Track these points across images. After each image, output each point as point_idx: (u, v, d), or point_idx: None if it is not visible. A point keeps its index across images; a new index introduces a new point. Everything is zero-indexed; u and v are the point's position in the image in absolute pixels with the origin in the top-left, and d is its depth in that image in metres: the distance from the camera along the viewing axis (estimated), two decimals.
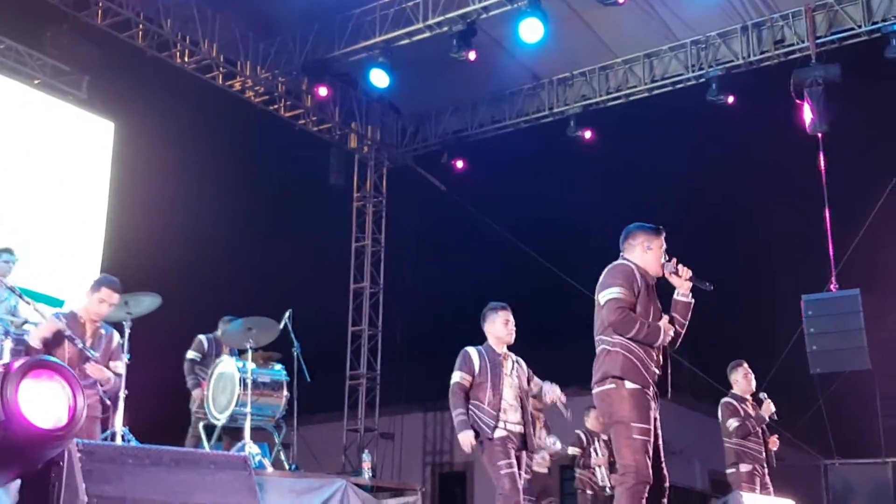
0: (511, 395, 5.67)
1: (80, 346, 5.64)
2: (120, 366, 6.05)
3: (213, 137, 12.95)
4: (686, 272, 4.49)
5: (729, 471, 7.35)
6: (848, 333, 9.85)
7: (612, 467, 8.99)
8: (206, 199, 13.08)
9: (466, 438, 5.46)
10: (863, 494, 10.01)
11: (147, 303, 6.62)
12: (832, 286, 10.49)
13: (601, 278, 4.56)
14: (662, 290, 4.59)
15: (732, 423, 7.29)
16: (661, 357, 4.44)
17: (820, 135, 10.76)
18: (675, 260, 4.54)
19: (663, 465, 4.39)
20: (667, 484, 4.39)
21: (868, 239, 10.99)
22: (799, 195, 11.95)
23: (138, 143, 11.51)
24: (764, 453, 7.35)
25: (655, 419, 4.42)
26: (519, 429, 5.60)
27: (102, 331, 6.05)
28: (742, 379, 7.45)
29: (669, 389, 4.49)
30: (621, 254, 4.62)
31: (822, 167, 10.69)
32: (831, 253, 10.54)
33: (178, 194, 12.32)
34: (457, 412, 5.57)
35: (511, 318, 5.89)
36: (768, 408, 7.42)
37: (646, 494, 4.20)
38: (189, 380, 8.59)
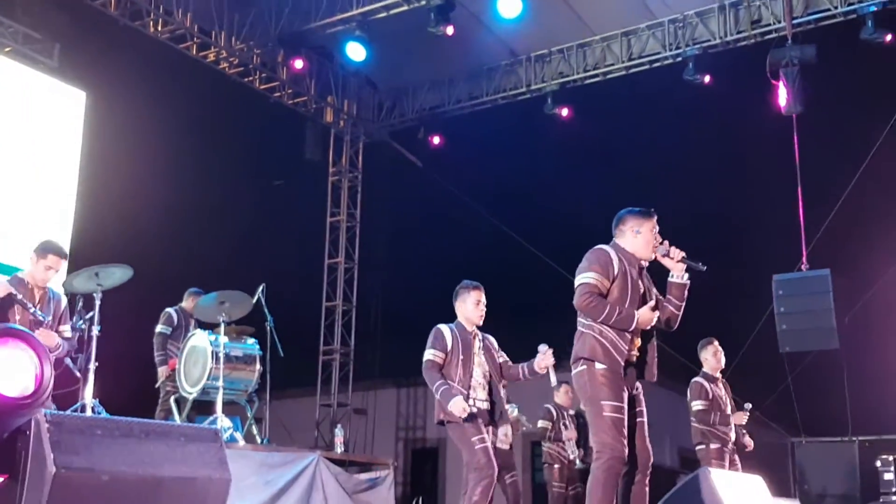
0: (479, 374, 5.73)
1: (32, 310, 5.58)
2: (68, 330, 5.97)
3: (186, 109, 12.80)
4: (678, 254, 4.51)
5: (698, 448, 7.43)
6: (817, 313, 9.96)
7: (582, 442, 9.10)
8: (179, 171, 12.96)
9: (458, 404, 5.45)
10: (829, 472, 10.18)
11: (118, 274, 6.56)
12: (803, 266, 10.60)
13: (582, 261, 4.57)
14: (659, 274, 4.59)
15: (696, 406, 7.36)
16: (640, 340, 4.45)
17: (794, 115, 10.82)
18: (666, 242, 4.56)
19: (647, 443, 4.42)
20: (651, 461, 4.43)
21: (840, 220, 11.10)
22: (772, 175, 12.04)
23: (110, 114, 11.36)
24: (731, 433, 7.42)
25: (637, 399, 4.44)
26: (486, 406, 5.65)
27: (50, 295, 5.96)
28: (711, 357, 7.51)
29: (655, 373, 4.51)
30: (613, 239, 4.62)
31: (796, 148, 10.76)
32: (803, 233, 10.64)
33: (150, 166, 12.19)
34: (437, 384, 5.59)
35: (483, 298, 5.92)
36: (740, 418, 7.49)
37: (621, 471, 4.24)
38: (157, 356, 8.54)
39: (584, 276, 4.42)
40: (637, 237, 4.52)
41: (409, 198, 15.30)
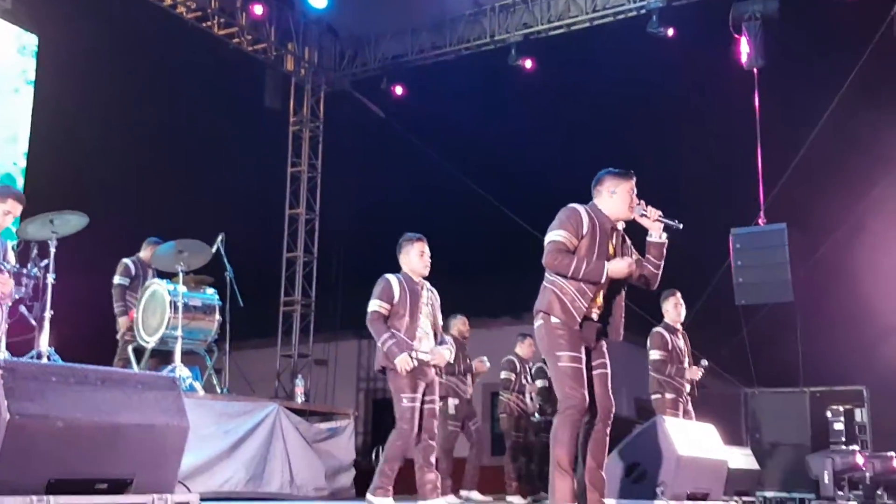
0: (427, 324, 5.75)
1: None
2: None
3: (142, 54, 12.50)
4: (654, 213, 4.53)
5: (654, 397, 7.55)
6: (773, 267, 10.12)
7: (545, 392, 9.24)
8: (136, 118, 12.70)
9: (404, 361, 5.49)
10: (781, 421, 10.40)
11: (73, 222, 6.45)
12: (760, 220, 10.73)
13: (554, 219, 4.58)
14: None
15: (654, 355, 7.46)
16: (602, 299, 4.47)
17: (756, 70, 10.87)
18: (643, 202, 4.57)
19: (609, 393, 4.48)
20: (612, 411, 4.49)
21: (797, 174, 11.23)
22: (732, 130, 12.11)
23: (64, 58, 11.07)
24: (686, 384, 7.55)
25: (599, 352, 4.49)
26: (429, 357, 5.67)
27: (3, 238, 5.84)
28: (672, 308, 7.60)
29: (622, 333, 4.55)
30: (592, 199, 4.62)
31: (757, 102, 10.83)
32: (761, 187, 10.77)
33: (105, 112, 11.93)
34: (383, 339, 5.60)
35: (427, 249, 5.92)
36: (695, 373, 7.60)
37: (581, 420, 4.29)
38: (117, 306, 8.44)
39: (553, 235, 4.44)
40: (613, 197, 4.54)
41: (371, 148, 15.19)
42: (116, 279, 8.45)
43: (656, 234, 4.52)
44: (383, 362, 5.65)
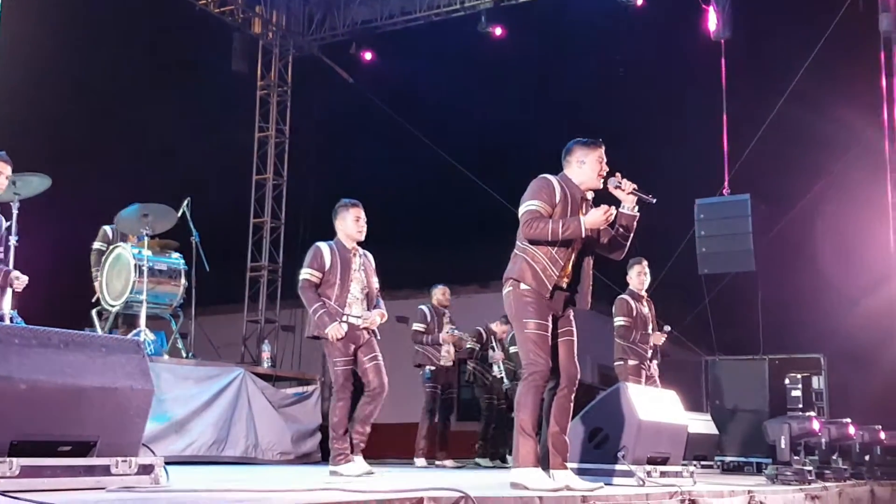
0: (357, 289, 5.81)
1: None
2: None
3: (108, 14, 12.28)
4: (629, 185, 4.54)
5: (616, 364, 7.65)
6: (736, 237, 10.26)
7: (517, 358, 9.37)
8: (101, 79, 12.51)
9: (335, 330, 5.60)
10: (740, 388, 10.60)
11: (36, 183, 6.39)
12: (725, 191, 10.85)
13: (527, 190, 4.59)
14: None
15: (619, 321, 7.56)
16: (571, 267, 4.51)
17: (723, 41, 10.93)
18: (619, 175, 4.58)
19: (575, 360, 4.53)
20: (577, 377, 4.55)
21: (762, 146, 11.35)
22: (699, 100, 12.20)
23: (26, 20, 10.84)
24: (649, 351, 7.65)
25: (566, 320, 4.54)
26: (360, 322, 5.75)
27: None
28: (636, 277, 7.68)
29: (589, 301, 4.59)
30: (563, 169, 4.64)
31: (723, 73, 10.90)
32: (726, 159, 10.87)
33: (70, 73, 11.74)
34: (314, 308, 5.67)
35: (362, 214, 5.95)
36: (658, 339, 7.70)
37: (544, 385, 4.35)
38: (94, 271, 8.38)
39: (528, 205, 4.45)
40: (582, 167, 4.56)
41: (339, 114, 15.09)
42: (95, 244, 8.39)
43: (629, 206, 4.56)
44: (315, 331, 5.73)
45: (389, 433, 14.94)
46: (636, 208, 4.60)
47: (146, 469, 3.49)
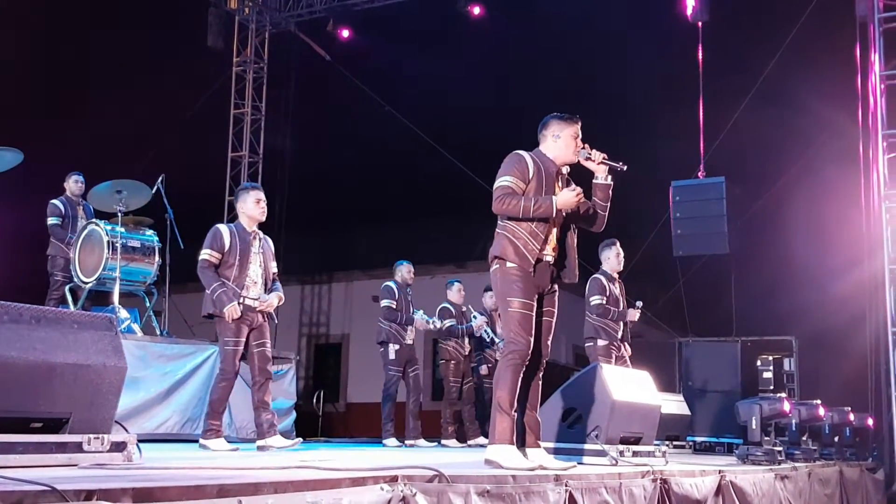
0: (256, 272, 5.98)
1: None
2: None
3: None
4: (599, 156, 4.54)
5: (587, 344, 7.68)
6: (711, 219, 10.32)
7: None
8: (74, 54, 12.32)
9: (232, 310, 5.76)
10: (713, 369, 10.70)
11: (8, 158, 6.31)
12: (700, 174, 10.91)
13: (500, 167, 4.58)
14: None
15: (595, 300, 7.57)
16: (556, 242, 4.51)
17: (700, 24, 10.95)
18: (587, 146, 4.59)
19: (544, 341, 4.54)
20: (545, 359, 4.56)
21: (737, 130, 11.41)
22: (676, 83, 12.22)
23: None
24: (621, 331, 7.68)
25: (550, 300, 4.55)
26: (256, 304, 5.91)
27: None
28: (614, 258, 7.69)
29: (576, 275, 4.60)
30: (538, 145, 4.64)
31: (700, 56, 10.93)
32: (702, 141, 10.92)
33: (41, 47, 11.55)
34: (213, 287, 5.81)
35: (262, 197, 6.11)
36: (633, 315, 7.73)
37: (523, 364, 4.36)
38: (51, 248, 8.34)
39: (501, 181, 4.45)
40: (557, 142, 4.56)
41: (315, 92, 14.99)
42: (49, 220, 8.34)
43: (601, 176, 4.57)
44: (211, 309, 5.85)
45: (363, 413, 14.98)
46: (609, 177, 4.61)
47: (119, 446, 3.48)
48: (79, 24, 12.37)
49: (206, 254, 5.88)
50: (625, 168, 4.54)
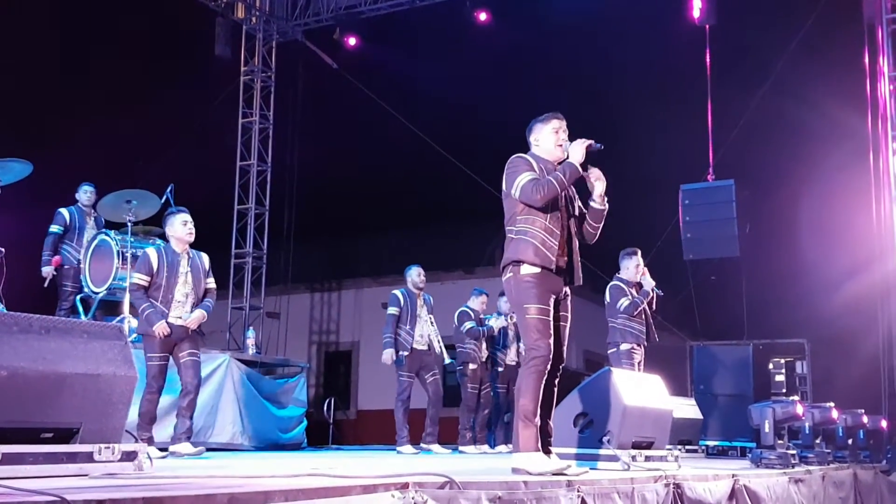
0: (182, 292, 6.32)
1: None
2: None
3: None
4: (581, 143, 4.50)
5: (610, 350, 7.67)
6: (721, 222, 10.29)
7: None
8: (84, 65, 12.38)
9: (161, 328, 6.13)
10: (725, 373, 10.66)
11: (17, 169, 6.33)
12: (709, 177, 10.88)
13: (504, 176, 4.56)
14: None
15: (624, 302, 7.56)
16: (565, 244, 4.51)
17: (707, 27, 10.93)
18: (566, 142, 4.58)
19: (563, 347, 4.54)
20: (562, 364, 4.55)
21: (746, 132, 11.38)
22: (684, 86, 12.20)
23: (7, 3, 10.72)
24: (645, 332, 7.67)
25: (563, 305, 4.53)
26: (180, 322, 6.26)
27: None
28: (633, 268, 7.70)
29: (580, 277, 4.60)
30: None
31: (708, 59, 10.91)
32: (710, 144, 10.89)
33: (51, 58, 11.61)
34: (142, 308, 6.21)
35: (189, 219, 6.44)
36: (649, 280, 7.70)
37: (545, 369, 4.34)
38: (44, 255, 8.36)
39: (522, 178, 4.43)
40: (539, 143, 4.61)
41: (323, 100, 15.02)
42: (50, 227, 8.38)
43: (598, 200, 4.58)
44: (141, 329, 6.28)
45: (374, 420, 14.96)
46: (605, 201, 4.60)
47: (130, 456, 3.47)
48: (88, 34, 12.43)
49: (135, 277, 6.32)
50: (601, 147, 4.53)
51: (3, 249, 5.31)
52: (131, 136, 13.30)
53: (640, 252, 7.76)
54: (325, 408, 12.87)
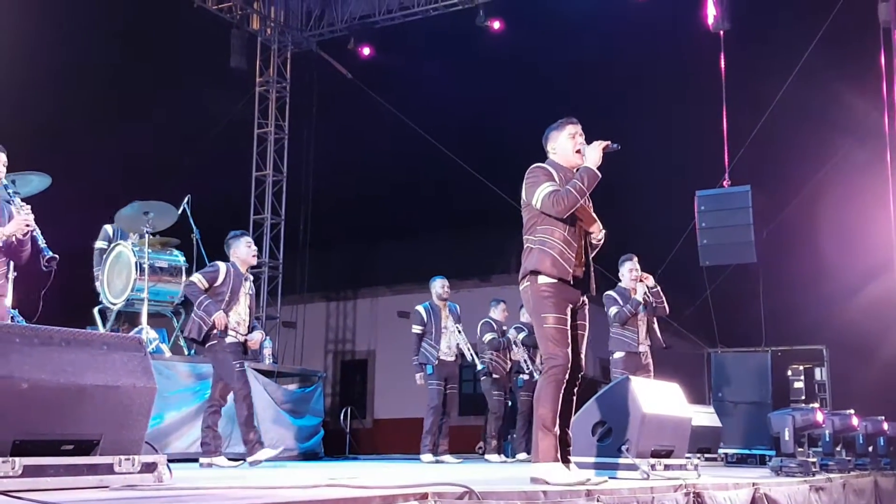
0: (242, 311, 6.53)
1: None
2: None
3: (107, 12, 12.24)
4: (595, 147, 4.47)
5: (610, 358, 7.71)
6: (737, 228, 10.24)
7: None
8: (100, 78, 12.47)
9: (221, 317, 6.29)
10: (743, 380, 10.57)
11: (36, 182, 6.37)
12: (725, 182, 10.83)
13: (524, 186, 4.55)
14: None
15: (612, 311, 7.59)
16: (582, 253, 4.52)
17: (722, 33, 10.90)
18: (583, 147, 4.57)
19: (581, 356, 4.53)
20: (581, 373, 4.54)
21: (762, 137, 11.33)
22: (699, 92, 12.16)
23: (22, 15, 10.81)
24: (640, 342, 7.62)
25: (581, 314, 4.53)
26: (242, 339, 6.50)
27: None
28: (627, 273, 7.69)
29: (593, 286, 4.61)
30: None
31: (723, 65, 10.88)
32: (726, 150, 10.85)
33: (69, 71, 11.70)
34: (200, 299, 6.34)
35: (252, 241, 6.77)
36: (642, 287, 7.60)
37: (564, 378, 4.33)
38: (96, 270, 8.38)
39: (544, 188, 4.41)
40: (557, 150, 4.60)
41: (338, 110, 15.07)
42: (96, 244, 8.37)
43: (596, 235, 4.58)
44: (196, 332, 6.42)
45: (390, 429, 14.95)
46: (601, 235, 4.60)
47: (149, 467, 3.49)
48: (104, 45, 12.53)
49: (195, 277, 6.48)
50: (618, 147, 4.51)
51: (56, 256, 5.31)
52: (148, 147, 13.39)
53: (635, 258, 7.71)
54: (342, 417, 12.90)
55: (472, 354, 8.90)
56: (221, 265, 6.51)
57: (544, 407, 4.30)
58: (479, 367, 9.12)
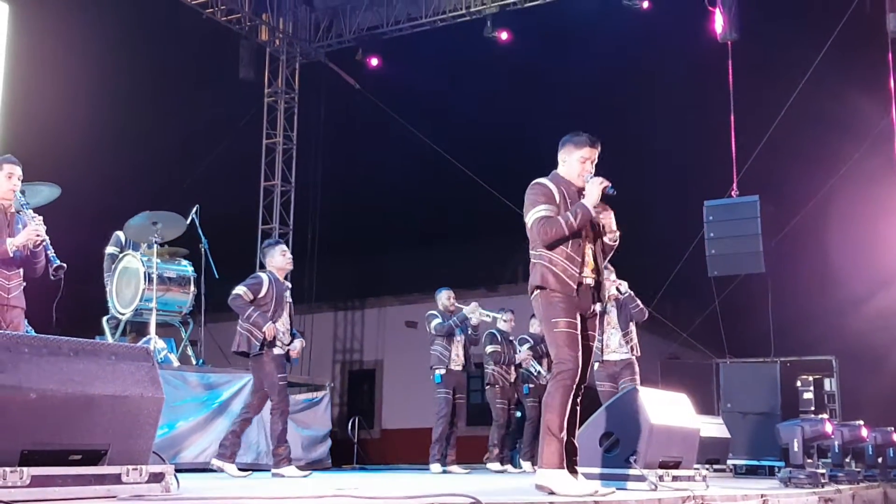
0: (285, 321, 6.57)
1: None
2: None
3: (115, 25, 12.33)
4: (596, 183, 4.46)
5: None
6: (745, 238, 10.21)
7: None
8: (109, 89, 12.53)
9: (271, 328, 6.32)
10: (752, 391, 10.52)
11: (45, 193, 6.40)
12: (733, 192, 10.81)
13: (525, 201, 4.56)
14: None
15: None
16: (591, 261, 4.52)
17: (729, 43, 10.90)
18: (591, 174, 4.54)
19: (588, 366, 4.52)
20: (585, 384, 4.53)
21: (770, 147, 11.31)
22: (706, 102, 12.16)
23: (36, 29, 10.87)
24: (610, 348, 7.63)
25: (591, 323, 4.53)
26: (286, 349, 6.55)
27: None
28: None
29: (605, 298, 4.61)
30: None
31: (730, 75, 10.88)
32: (734, 160, 10.83)
33: (79, 83, 11.76)
34: (248, 312, 6.35)
35: (287, 249, 6.82)
36: (620, 287, 7.56)
37: (573, 384, 4.32)
38: (107, 276, 8.40)
39: (535, 212, 4.42)
40: (565, 165, 4.57)
41: (346, 120, 15.12)
42: (108, 249, 8.37)
43: (610, 237, 4.57)
44: (244, 344, 6.45)
45: (398, 439, 14.92)
46: (616, 236, 4.59)
47: (157, 477, 3.49)
48: (114, 56, 12.60)
49: (241, 290, 6.40)
50: (614, 192, 4.50)
51: (64, 265, 5.31)
52: (157, 157, 13.45)
53: (612, 271, 7.63)
54: (350, 427, 12.88)
55: (492, 316, 9.07)
56: (263, 275, 6.50)
57: (552, 412, 4.30)
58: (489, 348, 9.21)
